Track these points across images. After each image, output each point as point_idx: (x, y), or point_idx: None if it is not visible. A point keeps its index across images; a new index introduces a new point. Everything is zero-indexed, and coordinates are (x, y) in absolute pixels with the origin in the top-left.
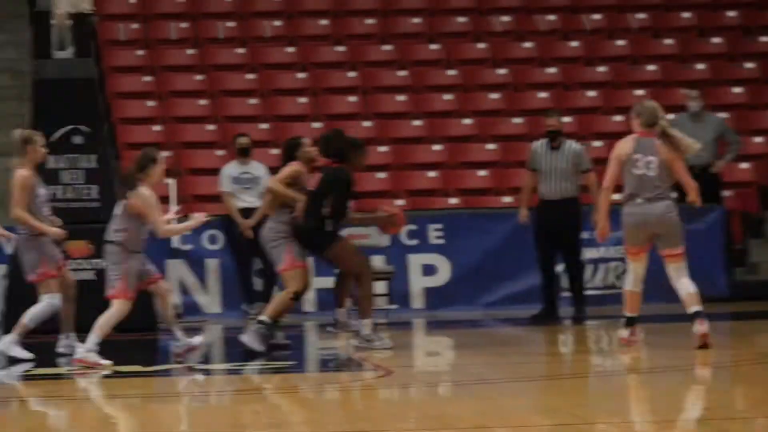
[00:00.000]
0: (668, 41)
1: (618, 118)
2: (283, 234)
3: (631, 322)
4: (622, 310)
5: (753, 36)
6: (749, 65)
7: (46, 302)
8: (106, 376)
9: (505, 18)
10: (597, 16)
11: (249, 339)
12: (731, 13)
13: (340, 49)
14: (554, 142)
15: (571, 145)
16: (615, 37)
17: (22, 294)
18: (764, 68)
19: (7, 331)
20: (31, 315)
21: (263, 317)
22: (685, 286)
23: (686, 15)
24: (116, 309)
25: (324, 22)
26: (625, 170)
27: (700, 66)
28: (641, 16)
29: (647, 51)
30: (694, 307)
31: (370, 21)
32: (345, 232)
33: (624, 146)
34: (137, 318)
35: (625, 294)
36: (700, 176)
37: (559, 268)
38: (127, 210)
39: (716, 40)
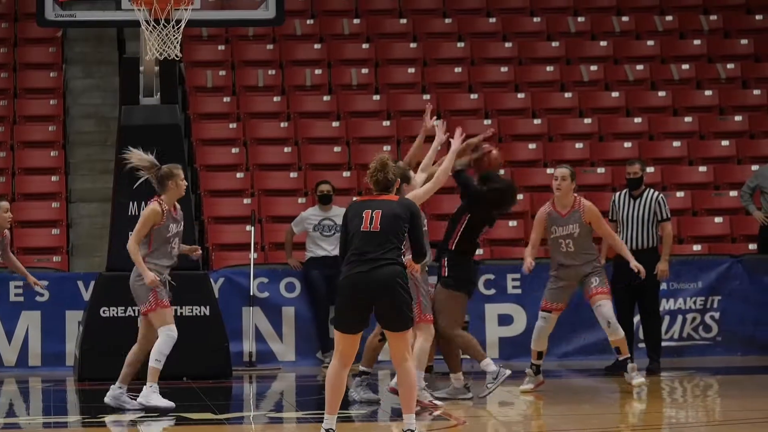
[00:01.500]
0: (756, 91)
1: (702, 168)
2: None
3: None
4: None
5: None
6: None
7: (167, 335)
8: (178, 423)
9: (593, 67)
10: (685, 66)
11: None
12: None
13: (426, 97)
14: (635, 191)
15: (652, 193)
16: (703, 87)
17: (98, 341)
18: None
19: (81, 378)
20: (154, 354)
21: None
22: None
23: None
24: None
25: (411, 70)
26: None
27: None
28: (730, 66)
29: (734, 101)
30: None
31: (457, 70)
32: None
33: None
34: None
35: None
36: None
37: (636, 318)
38: None
39: None
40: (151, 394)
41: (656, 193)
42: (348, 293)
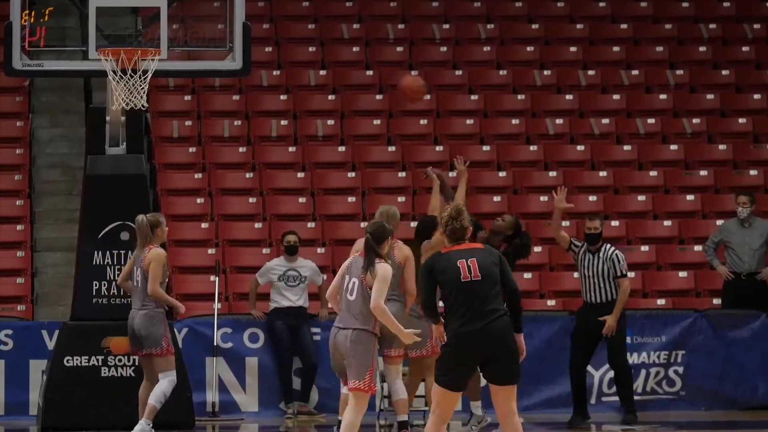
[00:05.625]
0: (722, 146)
1: (667, 222)
2: None
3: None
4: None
5: None
6: None
7: (169, 380)
8: None
9: (558, 121)
10: (651, 120)
11: None
12: None
13: (391, 149)
14: (593, 246)
15: (609, 248)
16: (668, 142)
17: (62, 390)
18: None
19: (44, 427)
20: (157, 395)
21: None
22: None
23: (741, 120)
24: None
25: (377, 122)
26: None
27: (753, 172)
28: (696, 120)
29: (700, 156)
30: (403, 416)
31: (423, 121)
32: None
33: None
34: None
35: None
36: (747, 282)
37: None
38: None
39: None
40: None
41: (613, 249)
42: (461, 351)
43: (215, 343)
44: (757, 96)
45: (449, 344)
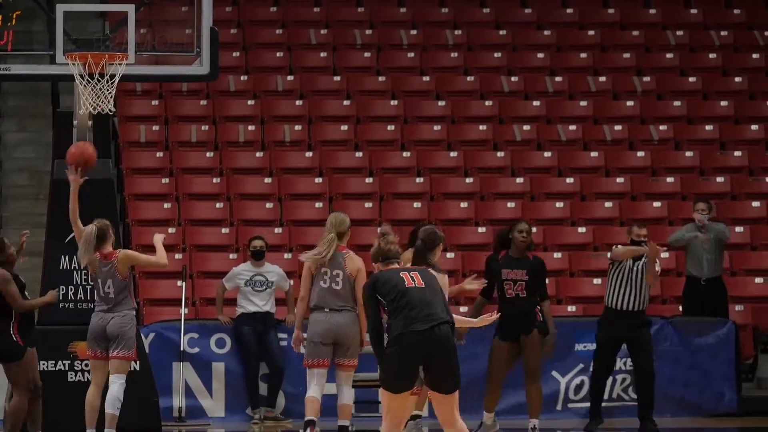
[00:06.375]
0: (688, 153)
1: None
2: None
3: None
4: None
5: None
6: None
7: (121, 383)
8: None
9: (526, 127)
10: (618, 127)
11: None
12: (754, 126)
13: (359, 154)
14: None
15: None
16: (635, 148)
17: None
18: None
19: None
20: (113, 402)
21: None
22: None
23: (709, 127)
24: None
25: (344, 127)
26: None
27: (720, 179)
28: (663, 127)
29: (667, 162)
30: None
31: (390, 127)
32: None
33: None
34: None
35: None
36: (706, 287)
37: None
38: None
39: (737, 153)
40: None
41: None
42: (404, 352)
43: (182, 348)
44: (724, 103)
45: (391, 345)
